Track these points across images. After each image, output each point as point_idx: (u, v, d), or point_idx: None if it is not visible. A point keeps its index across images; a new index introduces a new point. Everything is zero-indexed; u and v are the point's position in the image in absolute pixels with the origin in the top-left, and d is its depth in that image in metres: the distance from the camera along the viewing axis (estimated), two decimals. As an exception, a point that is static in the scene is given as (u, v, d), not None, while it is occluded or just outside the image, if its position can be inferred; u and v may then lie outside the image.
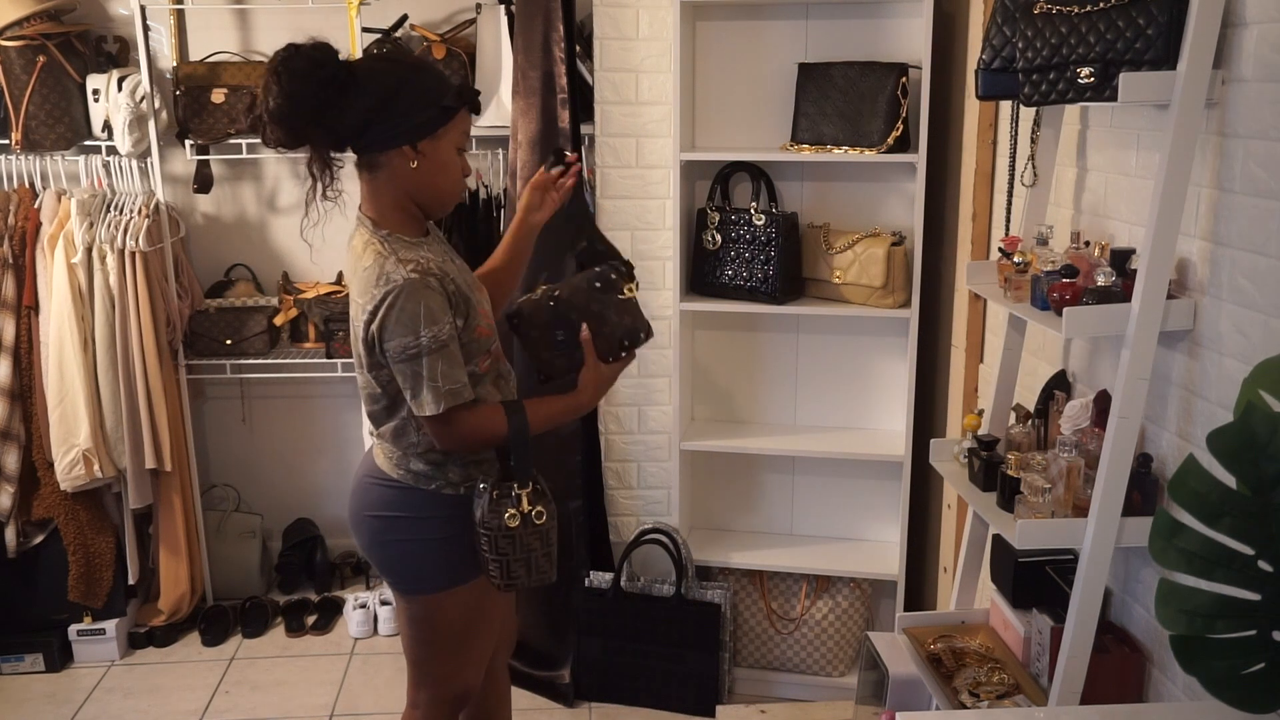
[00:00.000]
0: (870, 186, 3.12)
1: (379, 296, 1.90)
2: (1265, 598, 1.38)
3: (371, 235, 1.99)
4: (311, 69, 1.90)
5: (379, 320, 1.91)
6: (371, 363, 1.99)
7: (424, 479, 2.07)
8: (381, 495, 2.10)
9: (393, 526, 2.10)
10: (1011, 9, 2.08)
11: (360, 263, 1.97)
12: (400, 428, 2.05)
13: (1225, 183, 1.79)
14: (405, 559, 2.12)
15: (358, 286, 1.97)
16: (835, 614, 3.21)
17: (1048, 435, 2.28)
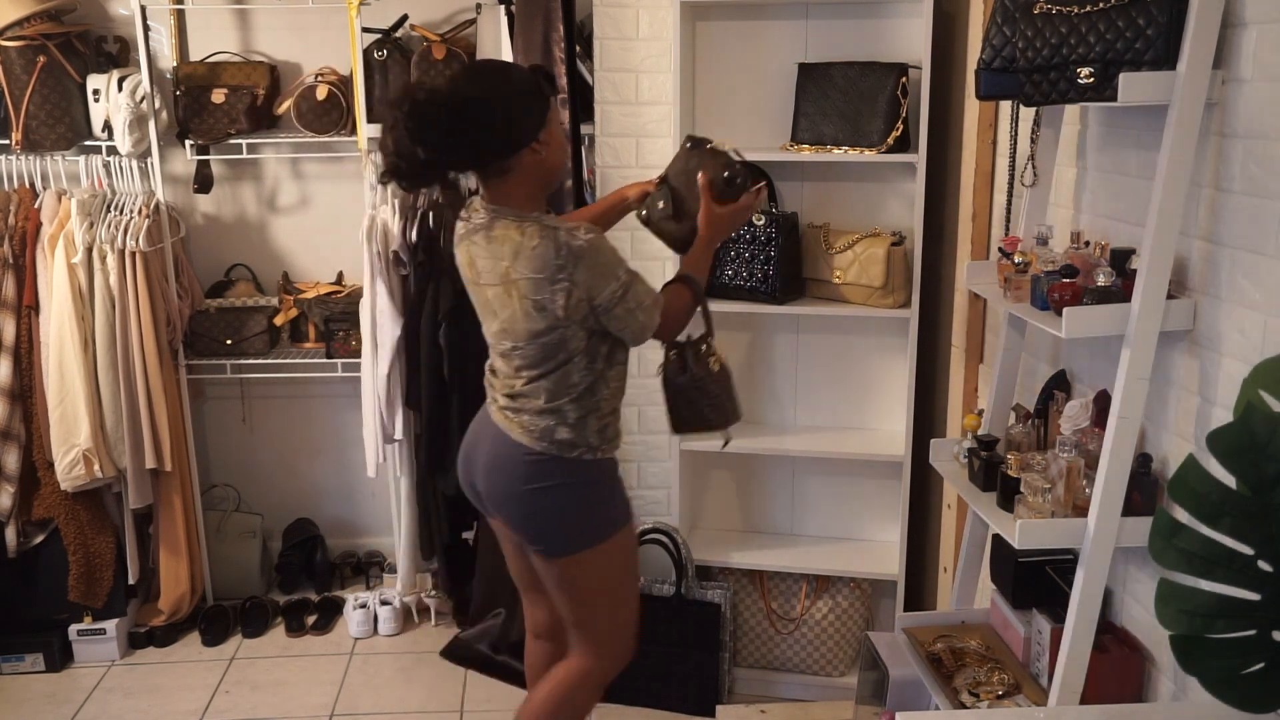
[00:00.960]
0: (870, 186, 3.12)
1: (570, 264, 2.09)
2: (1265, 598, 1.38)
3: (522, 221, 2.15)
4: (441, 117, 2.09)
5: (576, 280, 2.10)
6: (560, 323, 2.13)
7: (568, 447, 2.22)
8: (533, 468, 2.23)
9: (548, 495, 2.25)
10: (1011, 9, 2.08)
11: (526, 243, 2.11)
12: (566, 373, 2.19)
13: (1225, 183, 1.79)
14: (561, 523, 2.27)
15: (531, 265, 2.11)
16: (835, 614, 3.21)
17: (1048, 435, 2.28)
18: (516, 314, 2.16)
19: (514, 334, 2.18)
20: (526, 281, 2.12)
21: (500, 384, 2.28)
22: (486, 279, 2.20)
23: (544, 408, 2.20)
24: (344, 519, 4.03)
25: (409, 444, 3.51)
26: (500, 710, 3.20)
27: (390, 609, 3.61)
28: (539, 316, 2.13)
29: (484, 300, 2.24)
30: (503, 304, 2.18)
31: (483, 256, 2.20)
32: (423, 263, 3.35)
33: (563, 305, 2.11)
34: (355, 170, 3.68)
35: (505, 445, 2.25)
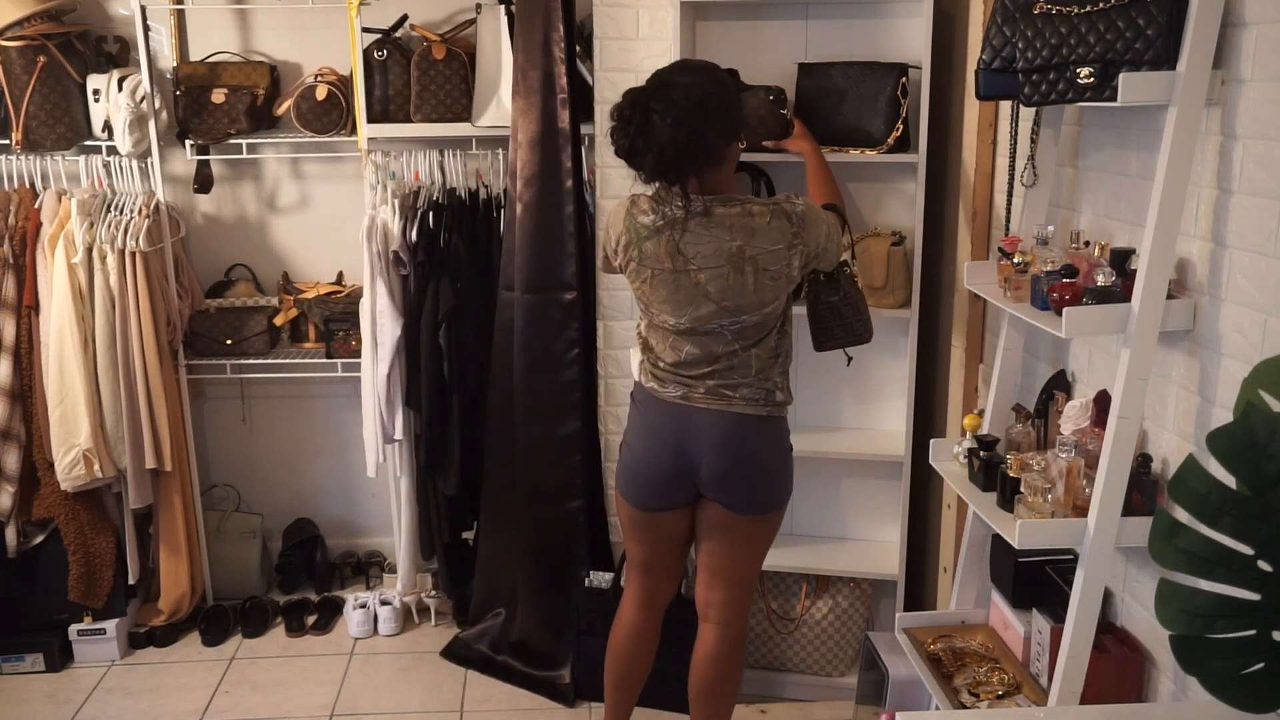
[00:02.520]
0: (870, 186, 3.12)
1: (800, 228, 2.33)
2: (1265, 598, 1.38)
3: (744, 201, 2.34)
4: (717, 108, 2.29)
5: (810, 240, 2.34)
6: (785, 291, 2.37)
7: (780, 407, 2.44)
8: (770, 432, 2.43)
9: (781, 456, 2.48)
10: (1011, 9, 2.08)
11: (757, 221, 2.30)
12: (776, 345, 2.42)
13: (1225, 183, 1.79)
14: (781, 477, 2.49)
15: (769, 239, 2.30)
16: (835, 614, 3.21)
17: (1048, 435, 2.28)
18: (748, 289, 2.31)
19: (739, 309, 2.32)
20: (767, 254, 2.30)
21: (698, 369, 2.40)
22: (702, 263, 2.31)
23: (757, 374, 2.39)
24: (344, 519, 4.03)
25: (409, 444, 3.51)
26: (500, 710, 3.20)
27: (390, 609, 3.61)
28: (773, 286, 2.33)
29: (689, 285, 2.33)
30: (727, 284, 2.31)
31: (698, 243, 2.31)
32: (423, 263, 3.35)
33: (799, 266, 2.35)
34: (355, 170, 3.68)
35: (732, 421, 2.39)
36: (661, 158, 2.25)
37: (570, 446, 3.25)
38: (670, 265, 2.34)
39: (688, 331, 2.37)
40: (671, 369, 2.43)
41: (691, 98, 2.23)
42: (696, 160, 2.26)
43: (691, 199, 2.32)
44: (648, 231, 2.36)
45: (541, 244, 3.17)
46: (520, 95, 3.16)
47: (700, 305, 2.34)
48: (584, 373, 3.25)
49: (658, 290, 2.37)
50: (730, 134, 2.33)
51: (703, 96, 2.24)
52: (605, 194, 3.20)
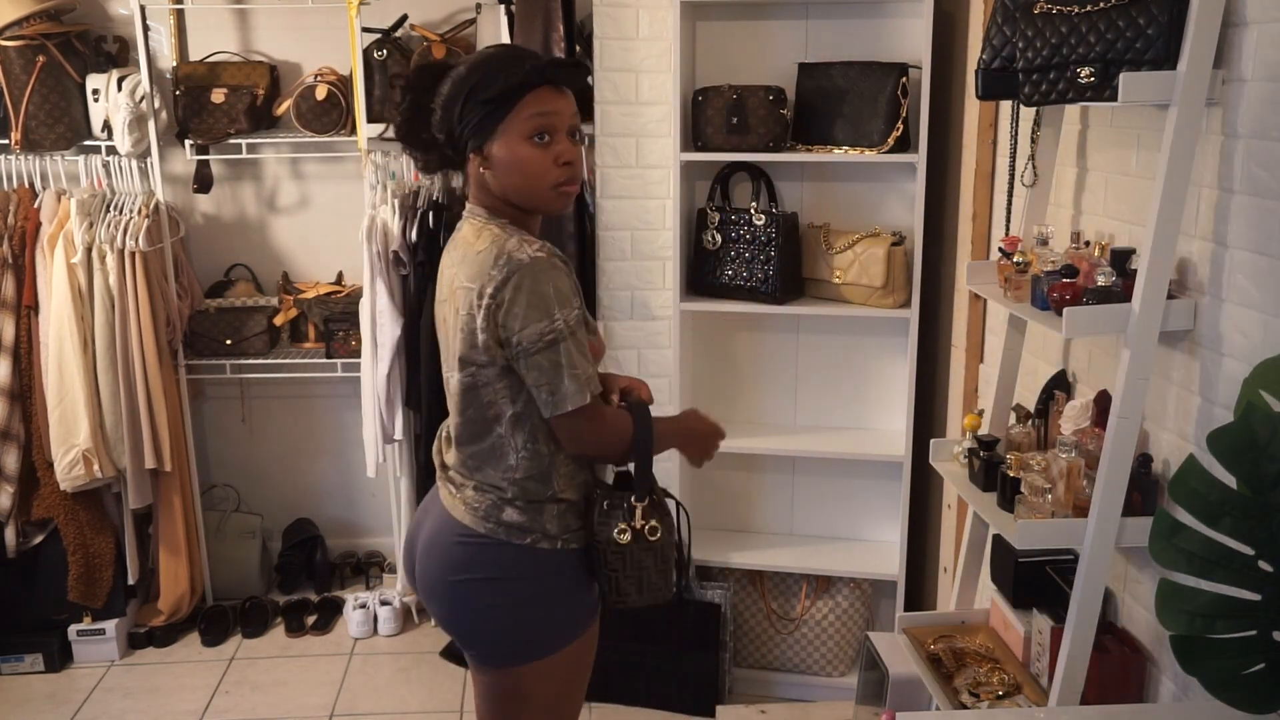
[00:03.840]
0: (870, 186, 3.12)
1: (500, 277, 1.71)
2: (1265, 598, 1.38)
3: (486, 222, 1.82)
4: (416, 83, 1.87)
5: (505, 306, 1.72)
6: (479, 359, 1.78)
7: (518, 532, 1.81)
8: (468, 554, 1.83)
9: (484, 591, 1.83)
10: (1011, 9, 2.08)
11: (473, 248, 1.78)
12: (495, 447, 1.82)
13: (1225, 183, 1.79)
14: (498, 627, 1.86)
15: (468, 272, 1.76)
16: (835, 614, 3.21)
17: (1048, 435, 2.28)
18: (450, 334, 1.83)
19: (450, 359, 1.85)
20: (463, 290, 1.77)
21: (449, 444, 1.93)
22: (443, 292, 1.87)
23: (487, 481, 1.84)
24: (344, 519, 4.03)
25: (409, 444, 3.51)
26: (500, 710, 3.20)
27: (390, 609, 3.61)
28: (462, 340, 1.79)
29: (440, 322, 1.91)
30: (445, 320, 1.86)
31: (447, 266, 1.87)
32: (423, 263, 3.35)
33: (482, 328, 1.75)
34: (355, 170, 3.68)
35: (445, 523, 1.87)
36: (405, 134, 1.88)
37: (570, 446, 3.24)
38: (441, 296, 1.90)
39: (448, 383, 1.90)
40: (440, 438, 1.99)
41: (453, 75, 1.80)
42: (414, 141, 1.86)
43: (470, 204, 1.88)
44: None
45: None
46: (520, 95, 3.15)
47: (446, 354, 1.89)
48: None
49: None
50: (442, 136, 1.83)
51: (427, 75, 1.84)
52: (605, 194, 3.20)
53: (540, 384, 1.75)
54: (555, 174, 1.81)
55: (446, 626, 1.97)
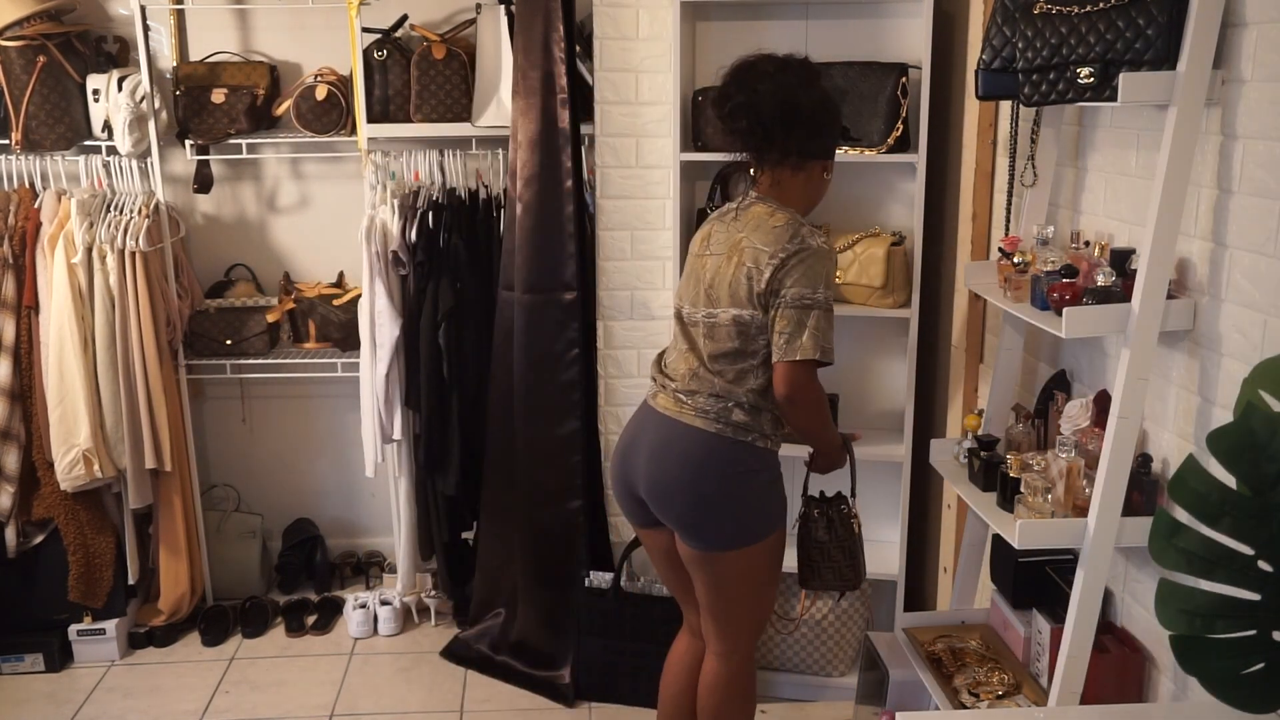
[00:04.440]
0: (870, 186, 3.12)
1: (794, 249, 2.15)
2: (1265, 598, 1.38)
3: (779, 208, 2.23)
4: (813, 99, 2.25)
5: (788, 267, 2.14)
6: (754, 304, 2.18)
7: (743, 430, 2.21)
8: (707, 450, 2.21)
9: (724, 479, 2.22)
10: (1011, 9, 2.08)
11: (770, 221, 2.20)
12: (743, 371, 2.22)
13: (1225, 183, 1.79)
14: (734, 512, 2.24)
15: (764, 238, 2.18)
16: (835, 614, 3.21)
17: (1048, 435, 2.28)
18: (726, 280, 2.22)
19: (714, 299, 2.23)
20: (753, 250, 2.19)
21: (675, 366, 2.31)
22: (714, 248, 2.28)
23: (721, 390, 2.21)
24: (344, 519, 4.03)
25: (408, 444, 3.51)
26: (500, 710, 3.20)
27: (390, 609, 3.61)
28: (745, 286, 2.18)
29: (698, 269, 2.30)
30: (718, 269, 2.24)
31: (722, 231, 2.28)
32: (422, 263, 3.35)
33: (764, 282, 2.16)
34: (355, 170, 3.68)
35: (675, 429, 2.24)
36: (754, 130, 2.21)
37: (570, 446, 3.25)
38: (697, 249, 2.33)
39: (685, 319, 2.31)
40: (659, 365, 2.38)
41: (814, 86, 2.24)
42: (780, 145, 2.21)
43: (745, 198, 2.30)
44: (707, 221, 2.38)
45: (541, 244, 3.17)
46: (520, 95, 3.16)
47: (693, 288, 2.30)
48: (584, 373, 3.25)
49: (684, 275, 2.37)
50: (821, 143, 2.26)
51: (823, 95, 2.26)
52: (605, 194, 3.20)
53: (784, 330, 2.15)
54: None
55: (683, 517, 2.26)
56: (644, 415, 2.34)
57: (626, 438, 2.37)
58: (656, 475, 2.27)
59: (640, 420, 2.35)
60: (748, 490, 2.24)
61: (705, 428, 2.21)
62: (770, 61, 2.23)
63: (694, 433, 2.22)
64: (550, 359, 3.21)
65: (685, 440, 2.23)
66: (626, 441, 2.37)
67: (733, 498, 2.23)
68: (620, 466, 2.37)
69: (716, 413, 2.21)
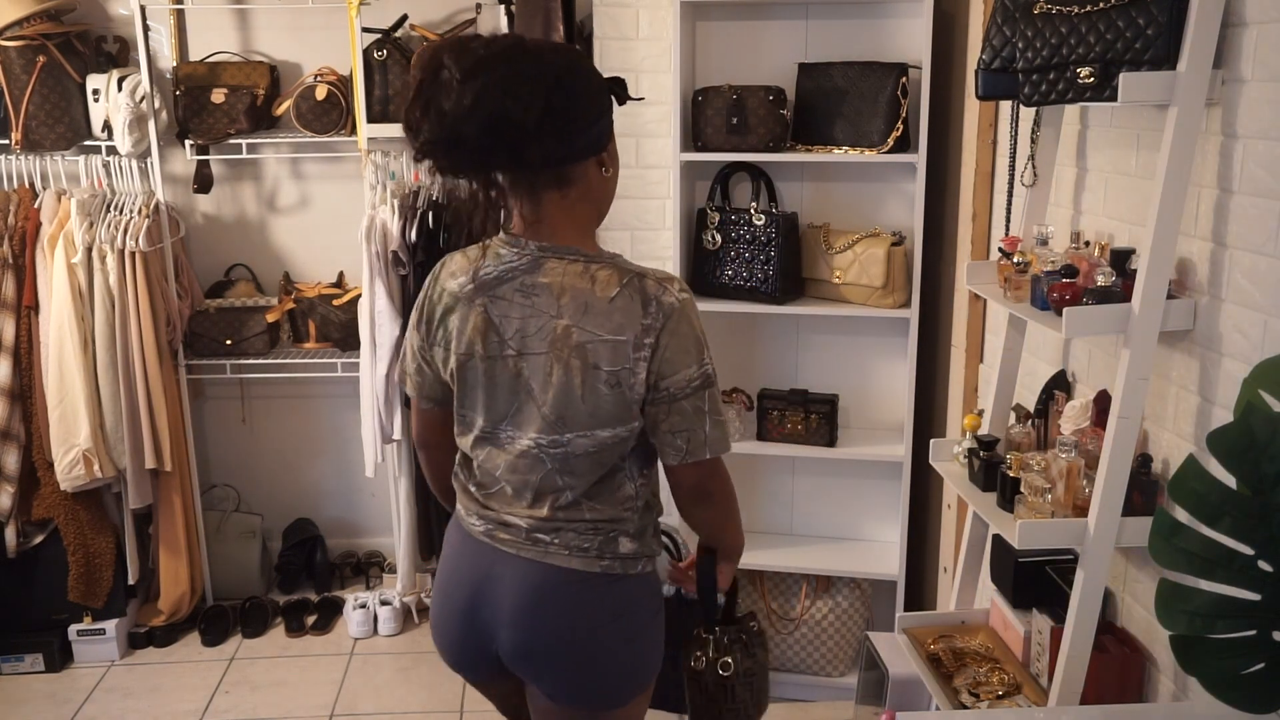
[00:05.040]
0: (870, 186, 3.12)
1: (657, 324, 1.60)
2: (1265, 598, 1.38)
3: (584, 259, 1.64)
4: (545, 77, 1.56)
5: (660, 350, 1.60)
6: (633, 416, 1.64)
7: (631, 562, 1.71)
8: (602, 598, 1.70)
9: (629, 629, 1.73)
10: (1011, 9, 2.08)
11: (596, 291, 1.61)
12: (618, 485, 1.70)
13: (1225, 183, 1.79)
14: (627, 662, 1.73)
15: (606, 321, 1.60)
16: (835, 614, 3.21)
17: (1048, 435, 2.28)
18: (572, 395, 1.62)
19: (562, 423, 1.63)
20: (595, 345, 1.59)
21: (511, 500, 1.72)
22: (525, 345, 1.63)
23: (592, 520, 1.69)
24: (344, 519, 4.03)
25: (407, 444, 3.51)
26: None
27: (390, 609, 3.61)
28: (610, 398, 1.61)
29: (510, 378, 1.66)
30: (546, 379, 1.63)
31: (519, 315, 1.63)
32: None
33: (642, 382, 1.61)
34: (355, 170, 3.68)
35: (547, 574, 1.69)
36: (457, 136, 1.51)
37: (570, 447, 3.23)
38: (482, 348, 1.65)
39: (505, 445, 1.69)
40: (480, 493, 1.75)
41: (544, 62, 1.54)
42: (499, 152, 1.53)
43: (508, 249, 1.65)
44: (457, 296, 1.67)
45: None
46: (520, 95, 3.15)
47: (522, 407, 1.66)
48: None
49: (467, 381, 1.69)
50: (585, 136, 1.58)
51: (565, 68, 1.55)
52: (605, 194, 3.20)
53: (679, 429, 1.63)
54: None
55: (574, 678, 1.73)
56: (482, 556, 1.74)
57: (466, 590, 1.76)
58: (531, 635, 1.71)
59: (478, 563, 1.75)
60: (642, 626, 1.75)
61: (585, 568, 1.69)
62: (456, 62, 1.50)
63: (573, 579, 1.69)
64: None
65: (561, 589, 1.69)
66: (468, 593, 1.75)
67: (635, 641, 1.74)
68: (463, 625, 1.77)
69: (599, 546, 1.69)
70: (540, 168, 1.57)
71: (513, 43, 1.54)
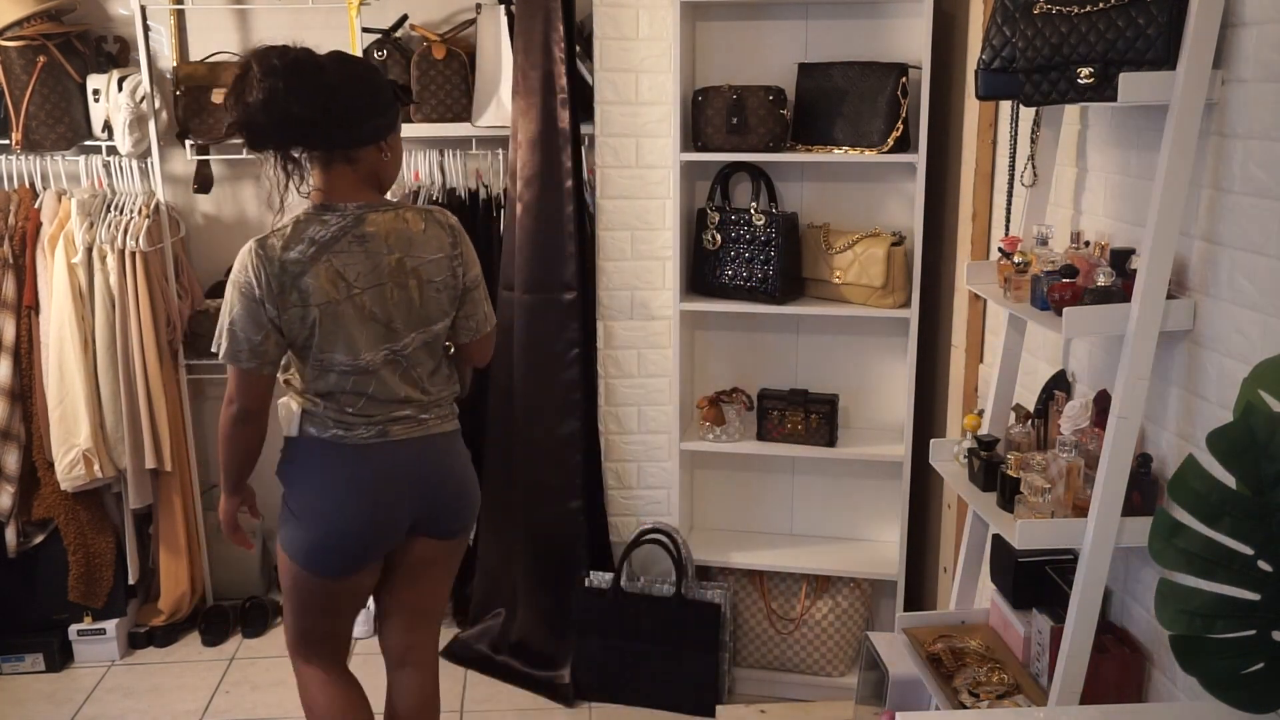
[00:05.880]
0: (870, 186, 3.12)
1: (456, 239, 2.22)
2: (1265, 598, 1.38)
3: (396, 209, 2.19)
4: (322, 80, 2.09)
5: (463, 255, 2.23)
6: (452, 303, 2.23)
7: (458, 420, 2.36)
8: (461, 449, 2.36)
9: (471, 472, 2.39)
10: (1011, 9, 2.08)
11: (410, 229, 2.17)
12: (441, 367, 2.28)
13: (1225, 183, 1.79)
14: (478, 493, 2.43)
15: (430, 248, 2.17)
16: (835, 614, 3.21)
17: (1048, 435, 2.28)
18: (414, 304, 2.17)
19: (412, 326, 2.17)
20: (431, 264, 2.18)
21: (387, 404, 2.20)
22: (368, 282, 2.12)
23: (440, 396, 2.28)
24: (344, 519, 4.03)
25: (409, 444, 3.51)
26: (500, 710, 3.20)
27: (390, 609, 3.61)
28: (440, 299, 2.20)
29: (361, 311, 2.12)
30: (394, 302, 2.14)
31: (358, 261, 2.11)
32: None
33: (460, 281, 2.23)
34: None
35: (438, 441, 2.28)
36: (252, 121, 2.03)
37: (570, 446, 3.25)
38: (335, 294, 2.09)
39: (365, 368, 2.15)
40: (358, 412, 2.20)
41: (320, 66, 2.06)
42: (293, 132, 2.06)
43: (333, 216, 2.11)
44: (299, 265, 2.09)
45: (541, 244, 3.17)
46: (520, 95, 3.16)
47: (376, 330, 2.14)
48: (584, 373, 3.25)
49: (326, 328, 2.12)
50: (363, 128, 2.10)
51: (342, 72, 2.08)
52: (605, 194, 3.20)
53: (471, 314, 2.27)
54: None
55: (469, 510, 2.39)
56: (382, 453, 2.21)
57: (367, 485, 2.23)
58: (440, 491, 2.29)
59: (378, 461, 2.22)
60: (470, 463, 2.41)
61: (451, 429, 2.32)
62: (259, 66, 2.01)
63: (449, 439, 2.32)
64: (550, 359, 3.22)
65: (446, 447, 2.31)
66: (373, 486, 2.23)
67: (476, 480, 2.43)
68: (372, 517, 2.25)
69: (449, 412, 2.32)
70: (329, 149, 2.10)
71: (304, 57, 2.05)
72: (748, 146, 2.98)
